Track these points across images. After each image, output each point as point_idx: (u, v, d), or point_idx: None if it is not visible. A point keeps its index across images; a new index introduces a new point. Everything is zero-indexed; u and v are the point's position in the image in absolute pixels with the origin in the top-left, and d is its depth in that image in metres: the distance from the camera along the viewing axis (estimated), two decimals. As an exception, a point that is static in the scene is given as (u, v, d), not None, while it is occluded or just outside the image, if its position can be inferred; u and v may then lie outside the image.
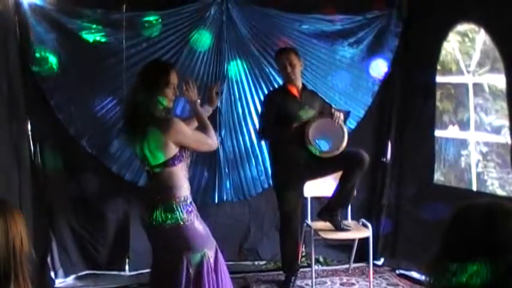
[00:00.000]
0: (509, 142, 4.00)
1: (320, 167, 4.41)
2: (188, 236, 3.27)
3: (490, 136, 4.21)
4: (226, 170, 4.86)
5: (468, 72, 4.38)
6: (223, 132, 4.78)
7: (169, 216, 3.24)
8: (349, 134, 4.83)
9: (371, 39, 4.97)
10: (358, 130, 5.02)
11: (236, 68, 4.79)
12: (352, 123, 5.00)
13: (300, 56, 4.49)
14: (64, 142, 4.50)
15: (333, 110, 4.43)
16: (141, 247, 4.57)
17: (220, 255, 3.41)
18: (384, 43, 4.98)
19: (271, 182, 4.77)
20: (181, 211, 3.24)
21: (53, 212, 4.60)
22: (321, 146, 4.44)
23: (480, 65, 4.25)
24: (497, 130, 4.13)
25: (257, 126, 4.74)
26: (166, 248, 3.34)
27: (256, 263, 5.09)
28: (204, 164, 4.78)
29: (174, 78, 3.34)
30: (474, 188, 4.36)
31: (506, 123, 4.01)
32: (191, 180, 4.63)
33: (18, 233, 1.68)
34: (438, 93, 4.70)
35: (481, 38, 4.22)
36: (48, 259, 4.53)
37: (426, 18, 4.77)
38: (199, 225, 3.32)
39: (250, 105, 4.85)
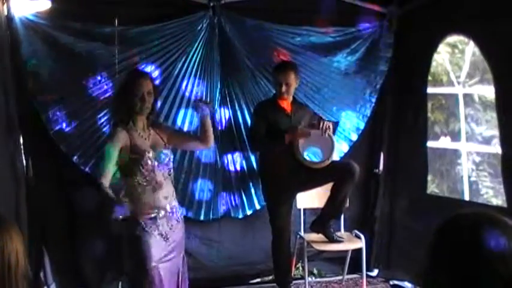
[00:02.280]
0: (500, 152, 4.02)
1: (310, 178, 4.41)
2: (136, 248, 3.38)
3: (481, 147, 4.23)
4: (227, 185, 4.84)
5: (458, 83, 4.41)
6: (218, 143, 4.75)
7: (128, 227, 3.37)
8: (349, 147, 4.93)
9: (364, 51, 5.00)
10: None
11: (230, 80, 4.79)
12: (354, 136, 5.04)
13: (298, 73, 4.50)
14: (57, 157, 4.48)
15: (320, 121, 4.43)
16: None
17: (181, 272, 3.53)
18: (377, 54, 5.01)
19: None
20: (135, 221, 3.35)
21: (46, 227, 4.57)
22: (311, 157, 4.45)
23: (470, 76, 4.28)
24: (488, 140, 4.15)
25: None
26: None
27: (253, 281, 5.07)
28: (204, 179, 4.76)
29: (140, 87, 3.39)
30: (467, 198, 4.37)
31: (497, 133, 4.04)
32: (190, 196, 4.67)
33: (14, 250, 1.66)
34: (429, 104, 4.72)
35: (470, 49, 4.26)
36: (41, 274, 4.49)
37: (416, 30, 4.80)
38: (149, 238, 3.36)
39: (247, 117, 4.81)
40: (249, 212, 4.91)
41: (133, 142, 3.40)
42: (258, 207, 4.90)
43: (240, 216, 4.91)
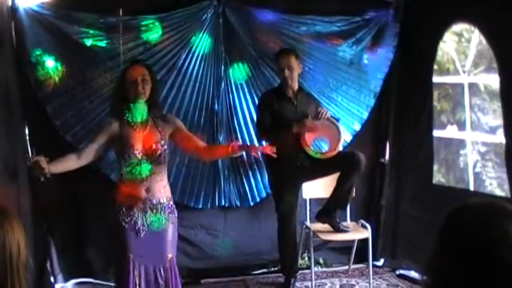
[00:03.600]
0: (503, 142, 3.99)
1: (316, 168, 4.39)
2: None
3: (485, 136, 4.21)
4: (226, 174, 4.83)
5: (464, 72, 4.38)
6: (221, 137, 4.75)
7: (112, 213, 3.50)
8: (353, 136, 4.89)
9: (370, 40, 4.97)
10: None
11: (234, 71, 4.78)
12: (357, 126, 5.02)
13: (300, 58, 4.49)
14: (62, 147, 4.47)
15: (319, 109, 4.41)
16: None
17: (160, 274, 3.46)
18: (383, 44, 4.98)
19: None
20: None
21: (52, 217, 4.58)
22: (318, 147, 4.43)
23: (475, 64, 4.25)
24: (494, 130, 4.12)
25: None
26: None
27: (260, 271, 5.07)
28: (204, 169, 4.76)
29: (133, 73, 3.41)
30: (472, 188, 4.36)
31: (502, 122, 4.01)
32: (191, 185, 4.67)
33: (16, 241, 1.65)
34: (436, 93, 4.69)
35: (476, 38, 4.22)
36: (48, 264, 4.50)
37: (422, 19, 4.77)
38: (123, 229, 3.41)
39: (251, 107, 4.82)
40: (258, 199, 4.93)
41: (123, 134, 3.42)
42: (264, 195, 4.91)
43: (251, 204, 4.92)
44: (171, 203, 3.55)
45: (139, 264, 3.39)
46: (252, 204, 4.94)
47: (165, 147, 3.47)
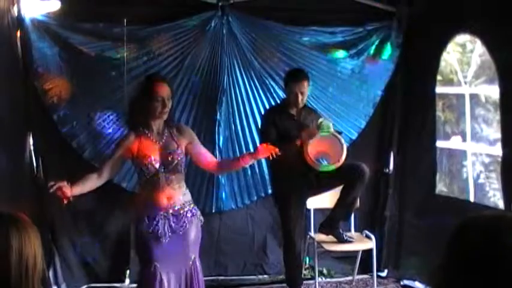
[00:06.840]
0: (500, 154, 3.97)
1: (321, 182, 4.36)
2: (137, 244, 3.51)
3: (486, 148, 4.19)
4: (223, 180, 4.84)
5: (465, 83, 4.37)
6: (221, 143, 4.77)
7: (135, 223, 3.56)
8: (351, 145, 4.85)
9: (372, 50, 4.97)
10: (360, 141, 5.02)
11: (236, 80, 4.79)
12: (353, 134, 5.00)
13: (309, 79, 4.43)
14: (66, 156, 4.50)
15: (319, 121, 4.35)
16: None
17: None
18: (385, 54, 4.98)
19: (268, 191, 4.81)
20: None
21: (55, 226, 4.59)
22: (322, 162, 4.40)
23: (477, 75, 4.24)
24: (497, 141, 4.10)
25: (256, 137, 4.76)
26: None
27: (260, 277, 5.05)
28: (203, 175, 4.75)
29: (161, 92, 3.39)
30: (472, 199, 4.33)
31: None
32: (190, 186, 4.69)
33: (32, 252, 1.62)
34: (440, 104, 4.69)
35: (478, 49, 4.22)
36: (51, 273, 4.50)
37: (425, 30, 4.77)
38: (147, 238, 3.41)
39: (249, 117, 4.85)
40: (248, 202, 4.96)
41: (141, 145, 3.42)
42: (255, 198, 4.95)
43: (243, 206, 4.94)
44: (193, 206, 3.55)
45: (165, 272, 3.40)
46: (243, 206, 4.95)
47: (182, 156, 3.49)
